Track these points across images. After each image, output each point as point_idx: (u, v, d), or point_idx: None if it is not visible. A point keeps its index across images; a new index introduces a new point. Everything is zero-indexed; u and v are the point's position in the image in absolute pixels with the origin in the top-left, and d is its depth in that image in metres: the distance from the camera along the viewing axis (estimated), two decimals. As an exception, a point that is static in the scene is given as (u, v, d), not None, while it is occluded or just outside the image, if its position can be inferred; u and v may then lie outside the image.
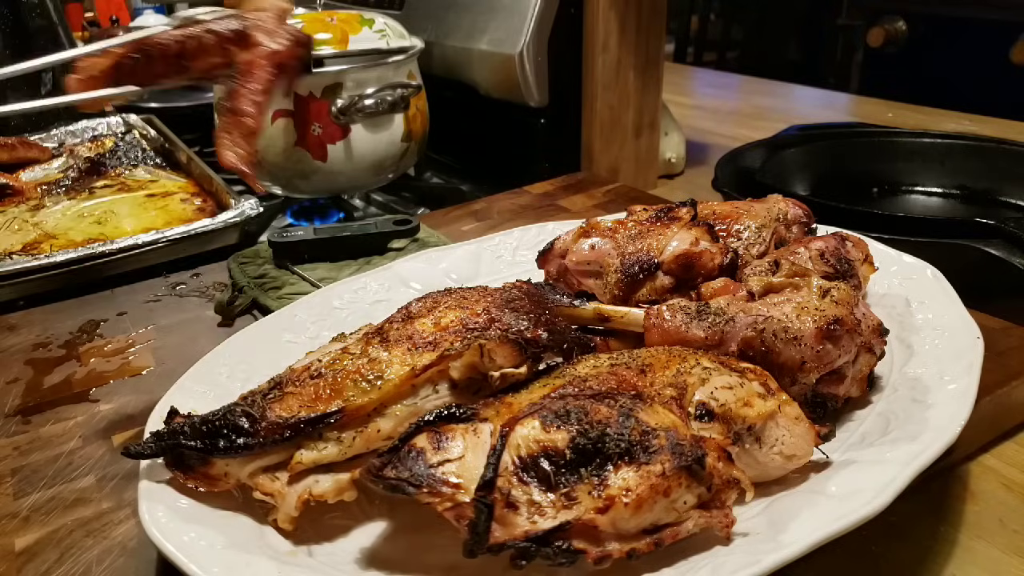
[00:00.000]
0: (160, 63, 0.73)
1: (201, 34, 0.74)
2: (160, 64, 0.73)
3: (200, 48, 0.74)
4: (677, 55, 3.46)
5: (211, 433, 0.54)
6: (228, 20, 0.75)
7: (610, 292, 0.71)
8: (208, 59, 0.74)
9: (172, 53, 0.73)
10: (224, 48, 0.74)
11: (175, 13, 0.82)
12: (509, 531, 0.45)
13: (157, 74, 0.74)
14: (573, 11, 1.21)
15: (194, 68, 0.75)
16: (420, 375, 0.56)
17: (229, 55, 0.74)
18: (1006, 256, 0.81)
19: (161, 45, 0.73)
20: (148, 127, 1.45)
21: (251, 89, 0.73)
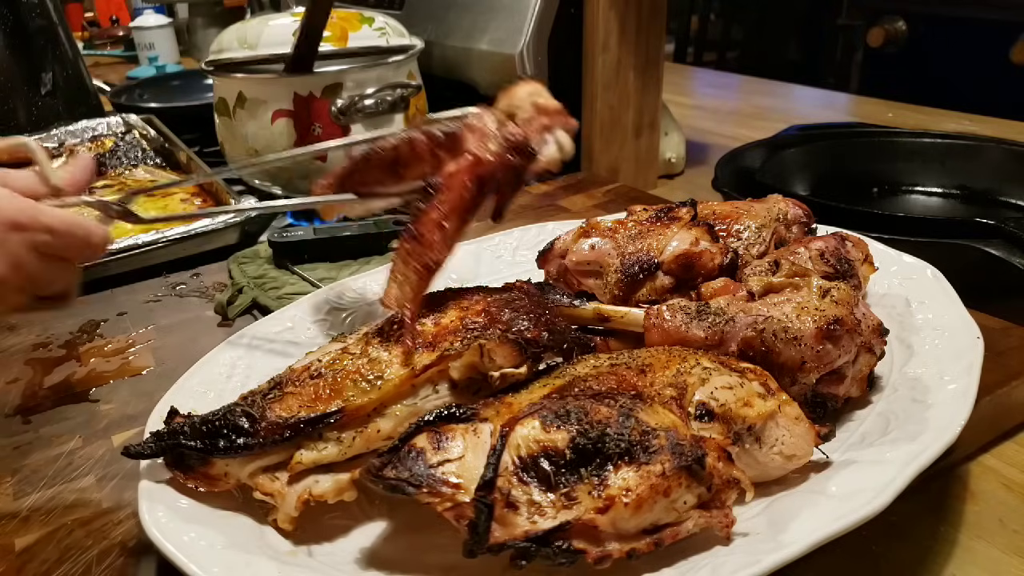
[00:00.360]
0: (376, 169, 0.65)
1: (416, 138, 0.63)
2: (376, 171, 0.65)
3: (412, 153, 0.63)
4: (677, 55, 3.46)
5: (211, 433, 0.54)
6: (454, 122, 0.63)
7: (610, 292, 0.71)
8: (420, 166, 0.63)
9: (388, 159, 0.64)
10: (434, 153, 0.62)
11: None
12: (509, 531, 0.45)
13: (372, 181, 0.66)
14: (573, 11, 1.21)
15: (407, 176, 0.64)
16: (420, 375, 0.56)
17: (439, 162, 0.61)
18: (1006, 256, 0.81)
19: (379, 151, 0.65)
20: (148, 127, 1.45)
21: (440, 210, 0.59)
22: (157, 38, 2.36)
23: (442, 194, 0.59)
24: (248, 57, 1.13)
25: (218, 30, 1.32)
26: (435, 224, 0.59)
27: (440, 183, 0.60)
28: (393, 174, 0.65)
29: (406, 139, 0.64)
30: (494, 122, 0.61)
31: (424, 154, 0.63)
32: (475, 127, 0.61)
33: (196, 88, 1.84)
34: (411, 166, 0.64)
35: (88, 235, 0.59)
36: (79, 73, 1.62)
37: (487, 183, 0.60)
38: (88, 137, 1.45)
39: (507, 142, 0.60)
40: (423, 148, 0.63)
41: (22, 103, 1.50)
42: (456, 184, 0.59)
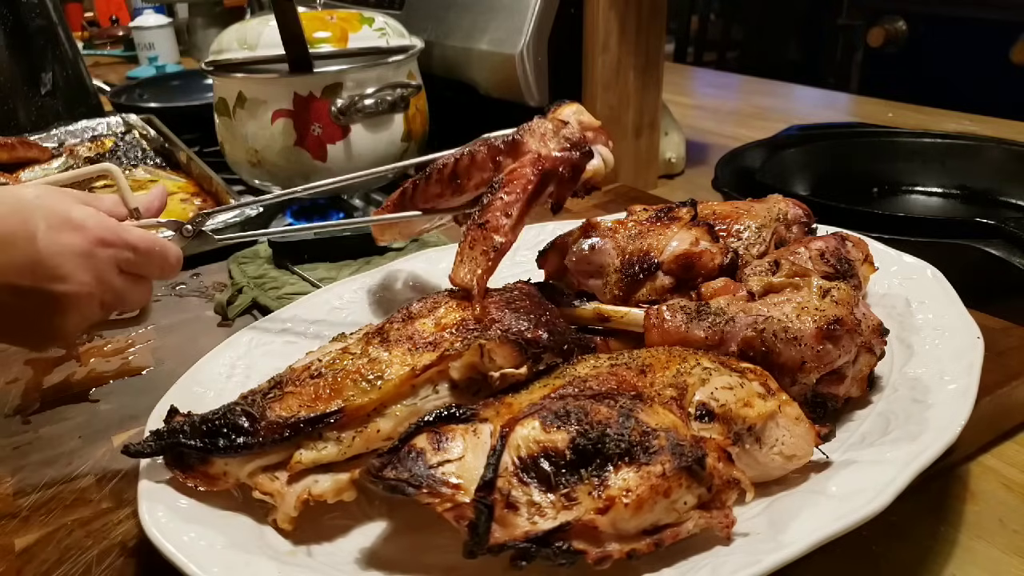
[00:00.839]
0: (436, 184, 0.68)
1: (476, 149, 0.67)
2: (436, 186, 0.68)
3: (472, 163, 0.67)
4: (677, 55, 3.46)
5: (211, 432, 0.54)
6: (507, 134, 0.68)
7: (610, 292, 0.71)
8: (480, 174, 0.66)
9: (447, 173, 0.68)
10: (495, 160, 0.66)
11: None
12: (509, 532, 0.45)
13: (435, 196, 0.69)
14: (573, 11, 1.21)
15: (467, 186, 0.67)
16: (420, 375, 0.56)
17: (499, 166, 0.65)
18: (1006, 256, 0.81)
19: (440, 166, 0.69)
20: (148, 127, 1.45)
21: (505, 199, 0.63)
22: (157, 38, 2.36)
23: (507, 186, 0.63)
24: (248, 57, 1.13)
25: (218, 30, 1.33)
26: (501, 211, 0.62)
27: (504, 178, 0.64)
28: (453, 186, 0.69)
29: (466, 152, 0.68)
30: (551, 125, 0.66)
31: (485, 163, 0.67)
32: (534, 130, 0.66)
33: (196, 88, 1.84)
34: (472, 176, 0.68)
35: (165, 254, 0.64)
36: (79, 73, 1.62)
37: (549, 176, 0.64)
38: (88, 137, 1.45)
39: (566, 140, 0.65)
40: (484, 158, 0.67)
41: (22, 103, 1.50)
42: (520, 176, 0.63)
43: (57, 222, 0.58)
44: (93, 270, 0.59)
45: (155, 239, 0.64)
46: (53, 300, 0.58)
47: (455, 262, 0.63)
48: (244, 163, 1.19)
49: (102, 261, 0.60)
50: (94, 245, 0.59)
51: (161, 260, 0.64)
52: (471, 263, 0.61)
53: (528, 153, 0.65)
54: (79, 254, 0.58)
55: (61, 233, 0.58)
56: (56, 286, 0.57)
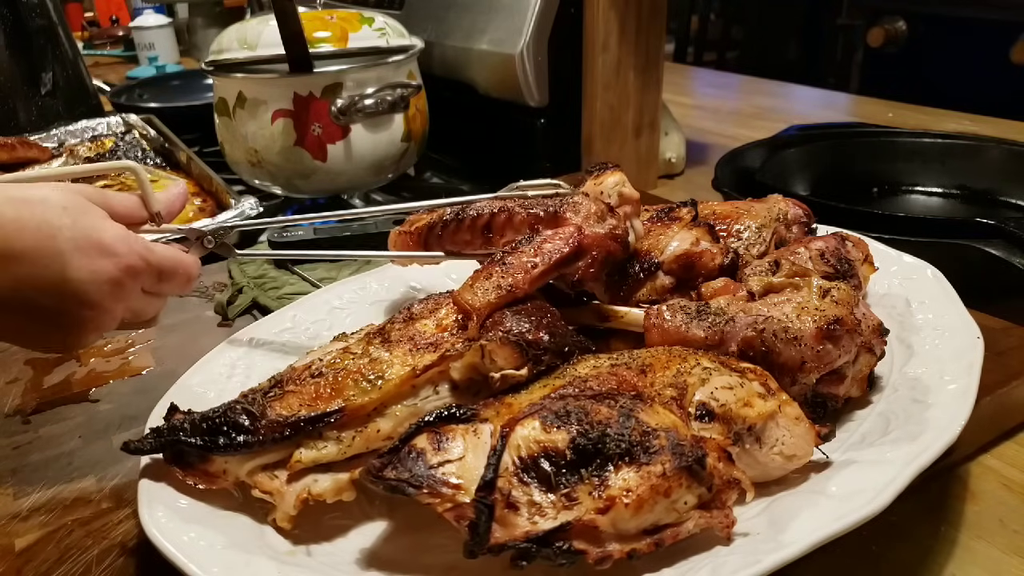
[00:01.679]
0: (468, 231, 0.68)
1: (515, 209, 0.67)
2: (467, 232, 0.68)
3: (508, 222, 0.66)
4: (677, 55, 3.46)
5: (211, 430, 0.54)
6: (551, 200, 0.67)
7: (611, 292, 0.70)
8: (514, 234, 0.66)
9: (481, 224, 0.68)
10: (533, 227, 0.65)
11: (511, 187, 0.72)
12: (509, 532, 0.45)
13: (463, 242, 0.69)
14: (573, 11, 1.21)
15: (498, 242, 0.67)
16: (421, 376, 0.56)
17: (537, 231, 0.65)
18: (1006, 256, 0.81)
19: (475, 215, 0.68)
20: (148, 127, 1.45)
21: (535, 252, 0.62)
22: (157, 38, 2.36)
23: (542, 244, 0.62)
24: (248, 57, 1.13)
25: (218, 30, 1.32)
26: (527, 260, 0.62)
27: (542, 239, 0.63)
28: (484, 238, 0.68)
29: (505, 208, 0.67)
30: (596, 210, 0.64)
31: (522, 227, 0.66)
32: (580, 208, 0.64)
33: (196, 88, 1.84)
34: (505, 234, 0.67)
35: (189, 272, 0.63)
36: (79, 73, 1.62)
37: (583, 254, 0.63)
38: (88, 137, 1.45)
39: (611, 230, 0.63)
40: (521, 220, 0.66)
41: (22, 103, 1.51)
42: (557, 239, 0.62)
43: (87, 245, 0.56)
44: (119, 297, 0.58)
45: (180, 259, 0.62)
46: (75, 321, 0.57)
47: (465, 284, 0.62)
48: (244, 163, 1.19)
49: (130, 289, 0.59)
50: (123, 274, 0.57)
51: (184, 279, 0.63)
52: (481, 291, 0.60)
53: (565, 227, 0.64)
54: (109, 282, 0.57)
55: (92, 259, 0.56)
56: (82, 311, 0.56)
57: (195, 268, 0.64)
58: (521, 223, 0.67)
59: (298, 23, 1.04)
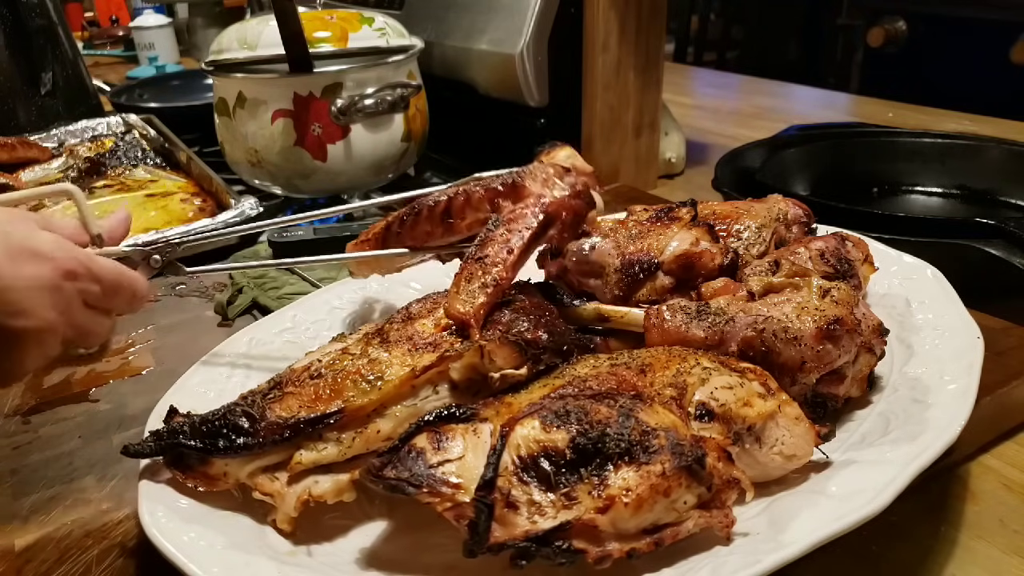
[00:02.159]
0: (427, 222, 0.67)
1: (471, 189, 0.67)
2: (427, 223, 0.67)
3: (467, 203, 0.66)
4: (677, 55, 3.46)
5: (211, 433, 0.54)
6: (506, 175, 0.67)
7: (610, 292, 0.71)
8: (475, 214, 0.66)
9: (439, 211, 0.67)
10: (493, 201, 0.65)
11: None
12: (509, 531, 0.45)
13: (424, 234, 0.68)
14: (573, 11, 1.21)
15: (460, 226, 0.67)
16: (420, 376, 0.56)
17: (498, 208, 0.65)
18: (1006, 256, 0.81)
19: (431, 204, 0.67)
20: (148, 127, 1.45)
21: (507, 236, 0.62)
22: (157, 38, 2.36)
23: (509, 223, 0.62)
24: (248, 57, 1.13)
25: (218, 30, 1.32)
26: (502, 246, 0.61)
27: (506, 218, 0.62)
28: (445, 225, 0.67)
29: (460, 191, 0.66)
30: (552, 170, 0.64)
31: (481, 203, 0.66)
32: (535, 174, 0.64)
33: (196, 88, 1.84)
34: (466, 216, 0.66)
35: (133, 287, 0.59)
36: (79, 73, 1.62)
37: (552, 221, 0.63)
38: (88, 137, 1.45)
39: (572, 188, 0.64)
40: (480, 198, 0.65)
41: (22, 103, 1.51)
42: (523, 216, 0.63)
43: (18, 250, 0.52)
44: (58, 305, 0.54)
45: (123, 271, 0.59)
46: (11, 336, 0.52)
47: (450, 294, 0.61)
48: (244, 163, 1.19)
49: (67, 295, 0.55)
50: (60, 278, 0.54)
51: (129, 294, 0.59)
52: (468, 296, 0.59)
53: (530, 196, 0.64)
54: (43, 288, 0.53)
55: (24, 264, 0.52)
56: (15, 321, 0.52)
57: (142, 284, 0.60)
58: (480, 201, 0.66)
59: (298, 23, 1.04)
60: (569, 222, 0.64)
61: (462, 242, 0.71)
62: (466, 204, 0.67)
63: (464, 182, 0.71)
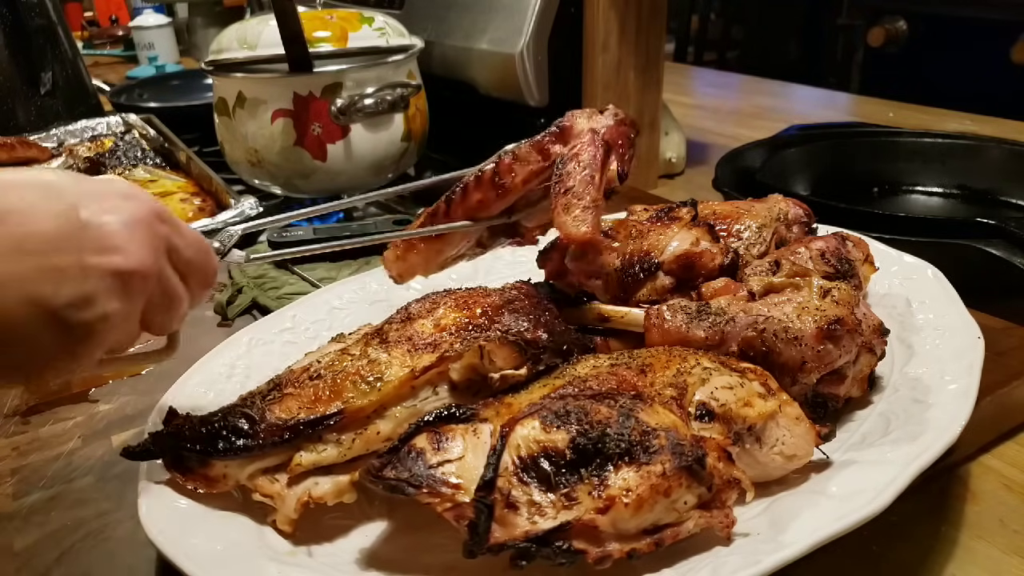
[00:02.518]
0: (477, 190, 0.66)
1: (517, 148, 0.67)
2: (477, 191, 0.66)
3: (516, 159, 0.66)
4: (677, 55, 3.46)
5: (210, 435, 0.54)
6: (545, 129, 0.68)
7: (610, 292, 0.70)
8: (525, 168, 0.65)
9: (488, 177, 0.66)
10: (543, 150, 0.65)
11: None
12: (509, 531, 0.45)
13: (477, 203, 0.67)
14: (573, 11, 1.21)
15: (514, 183, 0.66)
16: (420, 377, 0.56)
17: (549, 155, 0.65)
18: (1007, 256, 0.81)
19: (479, 173, 0.67)
20: (147, 127, 1.45)
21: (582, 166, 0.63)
22: (157, 38, 2.36)
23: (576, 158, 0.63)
24: (248, 57, 1.13)
25: (218, 30, 1.32)
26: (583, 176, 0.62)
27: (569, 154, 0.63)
28: (498, 189, 0.66)
29: (503, 152, 0.67)
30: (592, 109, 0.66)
31: (530, 155, 0.66)
32: (577, 115, 0.66)
33: (196, 88, 1.84)
34: (517, 172, 0.66)
35: (208, 259, 0.54)
36: (79, 73, 1.62)
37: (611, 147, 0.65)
38: (88, 137, 1.45)
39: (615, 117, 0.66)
40: (528, 150, 0.66)
41: (22, 103, 1.50)
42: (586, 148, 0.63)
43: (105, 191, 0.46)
44: (151, 245, 0.47)
45: (202, 239, 0.53)
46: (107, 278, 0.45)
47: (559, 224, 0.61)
48: (244, 163, 1.19)
49: (161, 237, 0.48)
50: (153, 216, 0.47)
51: (205, 264, 0.53)
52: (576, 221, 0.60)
53: (580, 132, 0.65)
54: (138, 222, 0.46)
55: (114, 200, 0.46)
56: (110, 259, 0.44)
57: (215, 262, 0.55)
58: (528, 153, 0.66)
59: (298, 23, 1.04)
60: (625, 148, 0.66)
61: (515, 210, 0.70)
62: (514, 161, 0.66)
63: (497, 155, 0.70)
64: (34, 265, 0.42)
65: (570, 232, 0.61)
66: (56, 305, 0.43)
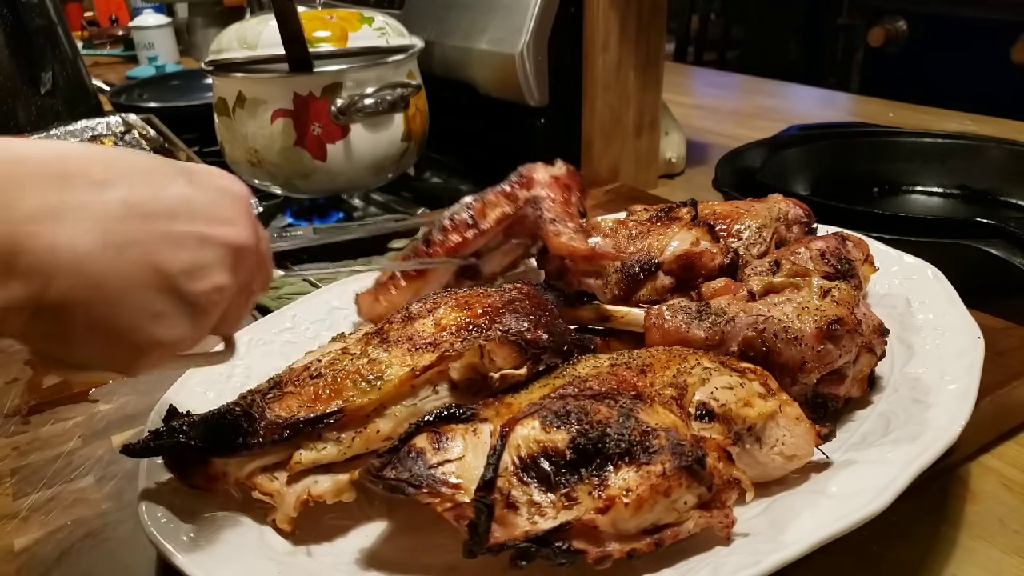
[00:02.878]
0: (455, 232, 0.75)
1: (482, 195, 0.77)
2: (455, 233, 0.75)
3: (485, 204, 0.76)
4: (677, 55, 3.46)
5: (210, 433, 0.54)
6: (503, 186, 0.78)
7: (611, 292, 0.71)
8: (497, 210, 0.75)
9: (462, 221, 0.75)
10: (511, 195, 0.76)
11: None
12: (509, 531, 0.45)
13: (456, 245, 0.75)
14: (573, 11, 1.21)
15: (487, 226, 0.75)
16: (420, 376, 0.56)
17: (518, 199, 0.75)
18: (1007, 256, 0.81)
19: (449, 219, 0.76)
20: (147, 127, 1.45)
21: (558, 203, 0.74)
22: (157, 38, 2.36)
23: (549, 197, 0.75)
24: (248, 57, 1.13)
25: (218, 30, 1.32)
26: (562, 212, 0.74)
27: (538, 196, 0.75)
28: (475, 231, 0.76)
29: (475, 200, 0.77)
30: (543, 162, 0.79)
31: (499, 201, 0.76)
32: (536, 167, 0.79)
33: (196, 88, 1.84)
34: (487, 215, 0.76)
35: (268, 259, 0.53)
36: (79, 73, 1.62)
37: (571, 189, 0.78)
38: (88, 137, 1.45)
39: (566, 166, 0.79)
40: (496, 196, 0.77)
41: (22, 103, 1.50)
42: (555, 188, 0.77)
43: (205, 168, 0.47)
44: (254, 224, 0.47)
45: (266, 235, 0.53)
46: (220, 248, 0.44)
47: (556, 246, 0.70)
48: (244, 163, 1.19)
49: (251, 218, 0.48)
50: (247, 195, 0.48)
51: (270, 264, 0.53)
52: (571, 240, 0.70)
53: (543, 180, 0.77)
54: (243, 198, 0.47)
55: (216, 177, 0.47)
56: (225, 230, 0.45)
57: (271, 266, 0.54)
58: (498, 198, 0.76)
59: (298, 23, 1.04)
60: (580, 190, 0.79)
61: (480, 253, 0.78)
62: (484, 206, 0.76)
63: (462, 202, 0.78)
64: (155, 230, 0.42)
65: (574, 248, 0.69)
66: (173, 271, 0.43)
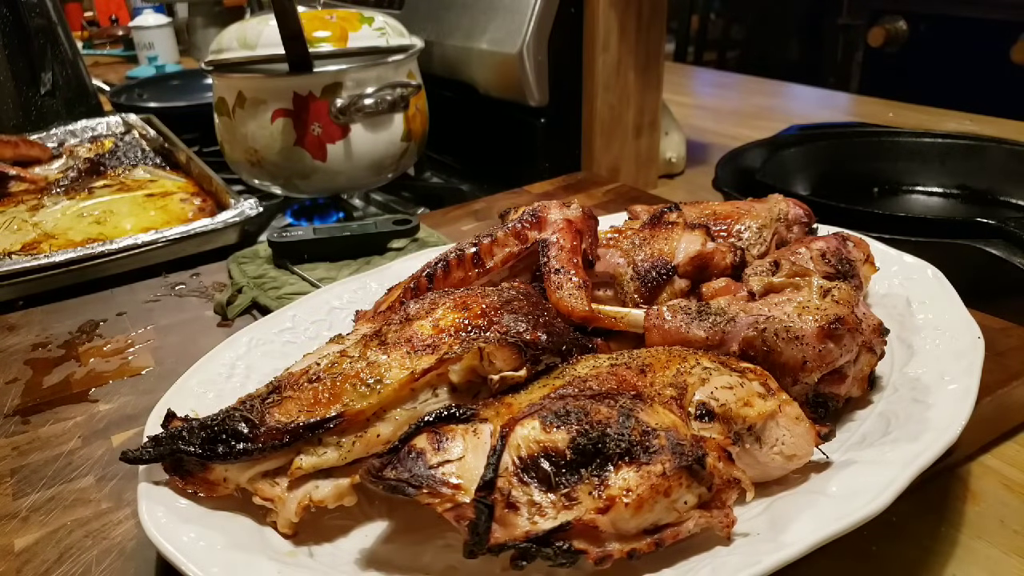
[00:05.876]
0: (459, 269, 0.72)
1: (492, 232, 0.74)
2: (459, 270, 0.72)
3: (493, 244, 0.73)
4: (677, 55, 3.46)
5: (210, 438, 0.54)
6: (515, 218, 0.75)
7: (630, 300, 0.70)
8: (504, 249, 0.73)
9: (469, 257, 0.72)
10: (521, 234, 0.73)
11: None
12: (509, 531, 0.45)
13: (458, 280, 0.72)
14: (573, 11, 1.21)
15: (493, 264, 0.72)
16: (419, 379, 0.55)
17: (527, 240, 0.72)
18: (1007, 256, 0.81)
19: (457, 253, 0.73)
20: (148, 127, 1.45)
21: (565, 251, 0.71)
22: (157, 38, 2.36)
23: (558, 243, 0.71)
24: (248, 57, 1.13)
25: (218, 30, 1.32)
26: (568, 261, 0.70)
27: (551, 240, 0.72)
28: (479, 269, 0.73)
29: (483, 237, 0.74)
30: (556, 202, 0.75)
31: (508, 240, 0.73)
32: (549, 206, 0.75)
33: (196, 88, 1.84)
34: (495, 254, 0.73)
35: None
36: (79, 73, 1.62)
37: (583, 234, 0.73)
38: (88, 137, 1.45)
39: (577, 211, 0.74)
40: (506, 235, 0.73)
41: (22, 103, 1.51)
42: (564, 234, 0.72)
43: None
44: None
45: None
46: None
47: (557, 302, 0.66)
48: (244, 163, 1.19)
49: None
50: None
51: None
52: (573, 299, 0.67)
53: (555, 222, 0.73)
54: None
55: None
56: None
57: None
58: (506, 237, 0.73)
59: (298, 23, 1.04)
60: (592, 236, 0.74)
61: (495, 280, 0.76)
62: (494, 243, 0.73)
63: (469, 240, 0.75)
64: None
65: (572, 307, 0.66)
66: None
